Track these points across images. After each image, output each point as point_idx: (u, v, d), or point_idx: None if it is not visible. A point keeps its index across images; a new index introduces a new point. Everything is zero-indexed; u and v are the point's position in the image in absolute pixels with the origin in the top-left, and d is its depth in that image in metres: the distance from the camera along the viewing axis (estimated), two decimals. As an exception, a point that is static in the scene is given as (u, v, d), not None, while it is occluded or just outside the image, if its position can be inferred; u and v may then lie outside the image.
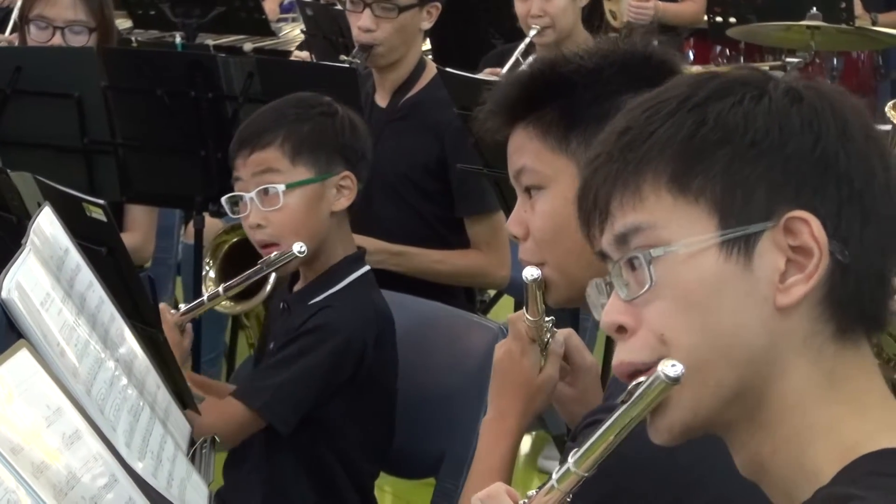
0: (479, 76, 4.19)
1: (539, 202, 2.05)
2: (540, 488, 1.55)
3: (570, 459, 1.50)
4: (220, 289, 2.95)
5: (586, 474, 1.50)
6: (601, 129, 1.96)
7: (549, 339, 2.17)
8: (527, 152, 2.06)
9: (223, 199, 3.02)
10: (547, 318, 2.14)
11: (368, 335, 2.95)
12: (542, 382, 2.18)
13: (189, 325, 3.02)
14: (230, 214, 3.04)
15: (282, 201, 2.92)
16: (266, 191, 2.93)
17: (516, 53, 5.04)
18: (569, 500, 1.53)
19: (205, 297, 3.00)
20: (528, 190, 2.08)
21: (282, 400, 2.89)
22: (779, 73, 1.52)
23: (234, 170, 3.00)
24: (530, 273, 2.04)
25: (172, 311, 2.96)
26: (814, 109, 1.39)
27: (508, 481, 2.16)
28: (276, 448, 2.97)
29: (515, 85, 2.07)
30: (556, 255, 2.04)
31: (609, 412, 1.80)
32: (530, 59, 4.82)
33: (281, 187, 2.92)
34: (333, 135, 3.00)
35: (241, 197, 2.97)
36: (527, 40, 5.05)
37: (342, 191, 3.00)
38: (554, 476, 1.52)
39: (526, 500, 1.57)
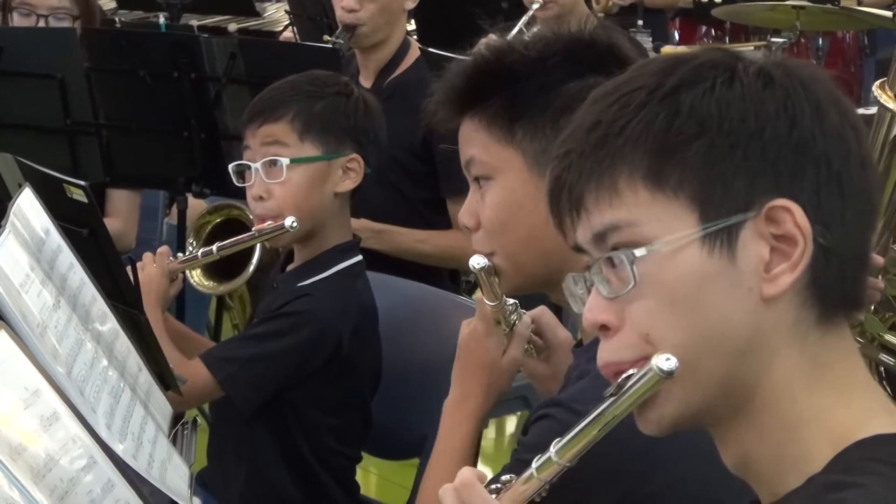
0: (462, 56, 4.17)
1: (488, 193, 2.04)
2: (517, 475, 1.54)
3: (552, 448, 1.48)
4: (215, 247, 2.96)
5: (568, 464, 1.48)
6: (547, 118, 1.96)
7: (515, 321, 2.16)
8: (474, 143, 2.05)
9: (231, 167, 3.03)
10: (511, 301, 2.13)
11: (345, 327, 2.94)
12: (505, 364, 2.17)
13: (180, 276, 3.04)
14: (235, 183, 3.03)
15: (285, 175, 2.92)
16: (271, 163, 2.93)
17: (519, 24, 5.00)
18: (547, 488, 1.51)
19: (199, 252, 3.01)
20: (477, 180, 2.07)
21: (246, 376, 2.89)
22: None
23: (244, 139, 3.00)
24: (476, 262, 2.03)
25: (171, 258, 2.99)
26: (786, 91, 1.37)
27: (474, 464, 2.15)
28: (255, 431, 2.98)
29: (461, 76, 2.06)
30: (504, 244, 2.04)
31: (557, 406, 1.80)
32: (533, 31, 4.80)
33: (286, 161, 2.92)
34: (345, 115, 3.00)
35: (248, 166, 2.97)
36: (529, 13, 5.02)
37: (348, 172, 3.00)
38: (534, 465, 1.50)
39: (500, 485, 1.55)
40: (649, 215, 1.37)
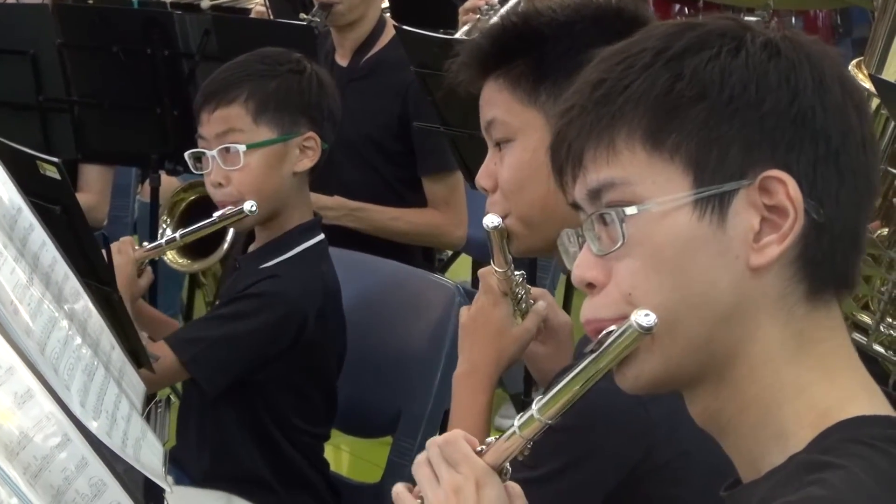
0: (436, 34, 4.16)
1: (507, 154, 2.05)
2: (500, 435, 1.54)
3: (534, 406, 1.48)
4: (178, 234, 2.94)
5: (550, 422, 1.48)
6: (571, 82, 1.96)
7: (522, 294, 2.17)
8: (497, 104, 2.05)
9: (186, 155, 3.00)
10: (517, 272, 2.14)
11: (310, 308, 2.93)
12: (517, 334, 2.17)
13: (149, 268, 3.02)
14: (193, 171, 3.02)
15: (243, 161, 2.90)
16: (227, 149, 2.91)
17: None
18: (529, 446, 1.52)
19: (163, 241, 2.99)
20: (497, 143, 2.07)
21: (211, 357, 2.88)
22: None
23: (198, 125, 2.97)
24: (491, 221, 2.03)
25: (136, 247, 2.96)
26: (791, 64, 1.37)
27: (487, 432, 2.15)
28: (218, 408, 2.98)
29: (487, 37, 2.06)
30: (520, 205, 2.04)
31: None
32: None
33: (242, 147, 2.90)
34: (299, 93, 2.97)
35: (203, 153, 2.95)
36: None
37: (305, 151, 2.97)
38: (516, 423, 1.50)
39: (484, 447, 1.55)
40: (644, 175, 1.38)
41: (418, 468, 1.58)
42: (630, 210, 1.37)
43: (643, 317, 1.34)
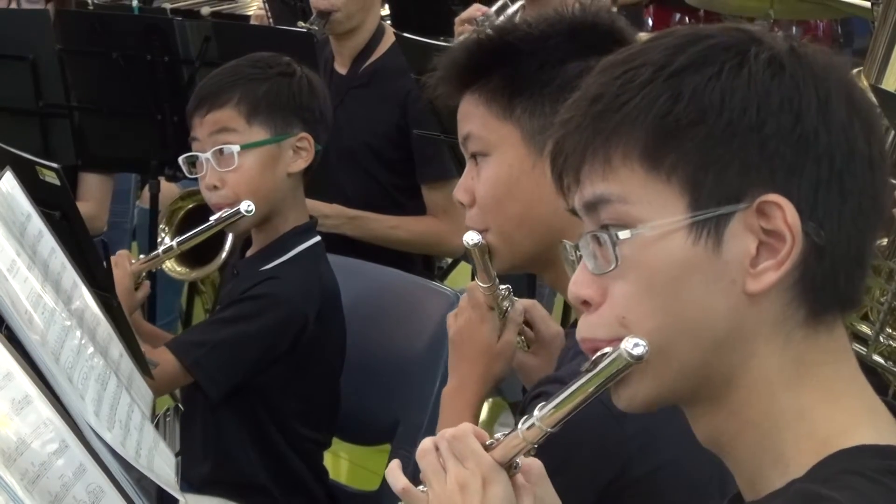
0: (436, 41, 4.16)
1: (484, 169, 2.04)
2: (510, 431, 1.54)
3: (537, 413, 1.48)
4: (174, 242, 2.93)
5: (550, 430, 1.48)
6: (546, 97, 1.96)
7: (507, 307, 2.16)
8: (473, 119, 2.05)
9: (180, 159, 3.00)
10: (503, 286, 2.14)
11: (310, 309, 2.94)
12: (501, 348, 2.17)
13: (147, 281, 3.02)
14: (187, 175, 3.02)
15: (237, 162, 2.90)
16: (221, 151, 2.92)
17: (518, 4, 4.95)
18: (535, 446, 1.51)
19: (159, 251, 2.98)
20: (474, 156, 2.07)
21: (213, 360, 2.88)
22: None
23: (191, 129, 2.98)
24: (470, 238, 2.03)
25: (133, 260, 2.96)
26: (795, 84, 1.33)
27: None
28: (220, 414, 2.98)
29: (463, 51, 2.06)
30: (498, 221, 2.04)
31: (555, 383, 1.81)
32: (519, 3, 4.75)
33: (236, 148, 2.90)
34: (290, 95, 2.98)
35: (197, 157, 2.95)
36: None
37: (299, 152, 2.98)
38: (520, 427, 1.50)
39: (493, 441, 1.55)
40: (640, 195, 1.35)
41: (424, 455, 1.58)
42: (623, 234, 1.35)
43: (633, 346, 1.33)
